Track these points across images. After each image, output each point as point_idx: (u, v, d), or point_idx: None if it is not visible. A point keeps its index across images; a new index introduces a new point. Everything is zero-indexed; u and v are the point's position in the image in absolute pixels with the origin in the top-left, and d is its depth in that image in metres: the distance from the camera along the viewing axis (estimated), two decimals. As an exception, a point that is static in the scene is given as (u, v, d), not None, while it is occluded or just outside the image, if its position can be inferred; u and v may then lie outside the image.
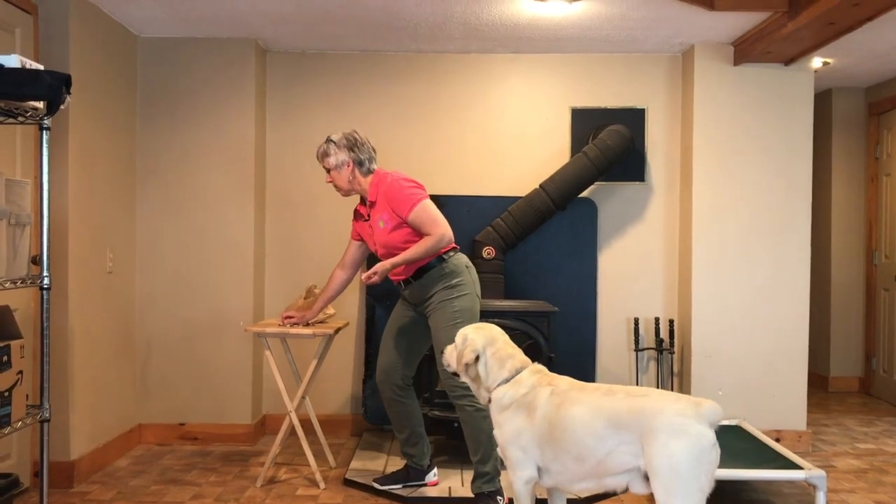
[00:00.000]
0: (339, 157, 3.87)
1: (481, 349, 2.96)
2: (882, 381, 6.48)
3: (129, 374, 4.92)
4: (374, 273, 3.71)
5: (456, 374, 3.08)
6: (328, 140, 3.92)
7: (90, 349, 4.35)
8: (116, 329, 4.72)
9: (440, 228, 3.69)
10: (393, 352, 3.98)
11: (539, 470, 2.83)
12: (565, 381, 2.87)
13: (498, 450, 2.96)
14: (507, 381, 2.90)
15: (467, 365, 2.97)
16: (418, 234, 3.73)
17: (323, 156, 3.91)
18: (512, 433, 2.83)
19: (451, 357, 3.07)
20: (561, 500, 3.00)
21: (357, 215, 4.05)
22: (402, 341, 3.97)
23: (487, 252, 4.89)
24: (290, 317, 4.19)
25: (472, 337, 2.99)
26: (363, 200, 3.96)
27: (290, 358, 4.60)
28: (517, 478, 2.84)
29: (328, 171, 3.93)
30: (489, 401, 2.96)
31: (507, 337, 3.04)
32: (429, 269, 3.75)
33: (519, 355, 2.98)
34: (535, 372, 2.93)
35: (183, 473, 4.41)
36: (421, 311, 3.87)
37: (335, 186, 3.97)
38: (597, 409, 2.71)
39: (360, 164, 3.89)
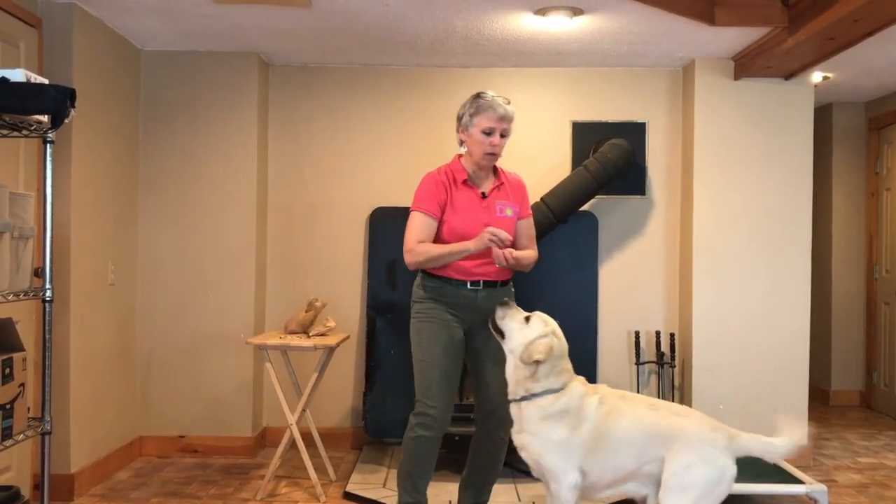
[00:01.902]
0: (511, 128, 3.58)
1: (550, 358, 2.90)
2: (883, 395, 6.47)
3: (130, 386, 4.92)
4: (511, 258, 3.33)
5: (497, 330, 3.03)
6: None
7: (91, 361, 4.36)
8: (117, 341, 4.72)
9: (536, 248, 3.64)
10: (451, 391, 3.44)
11: None
12: (606, 389, 2.97)
13: (526, 457, 2.94)
14: (555, 391, 2.90)
15: (531, 362, 2.89)
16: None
17: (511, 119, 3.54)
18: (556, 442, 2.85)
19: (514, 327, 2.98)
20: None
21: (463, 188, 3.50)
22: (456, 374, 3.48)
23: (488, 265, 4.88)
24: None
25: (553, 342, 2.91)
26: (469, 179, 3.51)
27: (290, 371, 4.60)
28: (563, 485, 2.83)
29: (503, 136, 3.52)
30: (521, 398, 2.92)
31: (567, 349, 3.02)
32: (511, 280, 3.62)
33: (571, 369, 3.00)
34: (582, 383, 2.99)
35: (183, 486, 4.40)
36: (476, 322, 3.44)
37: (495, 153, 3.51)
38: (640, 421, 2.82)
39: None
